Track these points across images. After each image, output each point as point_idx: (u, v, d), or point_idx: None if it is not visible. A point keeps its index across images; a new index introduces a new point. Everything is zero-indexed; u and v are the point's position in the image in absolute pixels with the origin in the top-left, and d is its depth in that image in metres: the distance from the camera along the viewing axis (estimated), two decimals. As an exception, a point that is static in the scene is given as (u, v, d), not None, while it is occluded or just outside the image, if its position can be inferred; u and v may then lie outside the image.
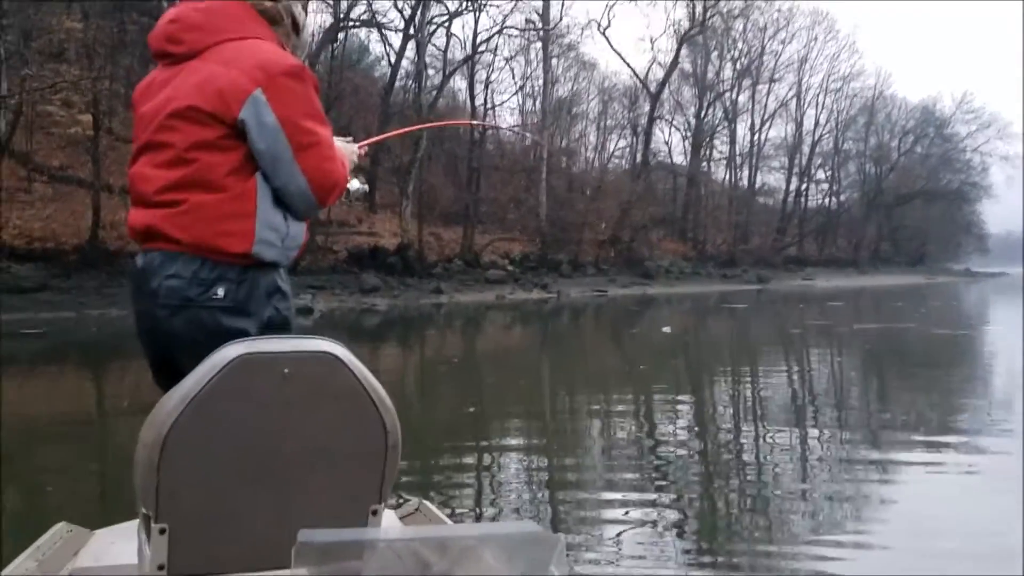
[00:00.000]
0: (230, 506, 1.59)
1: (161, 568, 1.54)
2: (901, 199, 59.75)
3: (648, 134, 42.78)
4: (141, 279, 1.84)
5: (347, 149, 2.16)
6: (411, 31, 30.66)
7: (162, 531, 1.54)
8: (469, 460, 5.55)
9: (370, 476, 1.68)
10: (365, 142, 2.39)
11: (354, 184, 2.22)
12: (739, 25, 46.19)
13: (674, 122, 48.08)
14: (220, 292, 1.78)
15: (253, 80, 1.76)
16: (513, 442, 6.16)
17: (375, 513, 1.70)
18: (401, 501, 3.38)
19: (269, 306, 1.86)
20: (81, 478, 5.13)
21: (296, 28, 2.00)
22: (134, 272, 1.88)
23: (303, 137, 1.80)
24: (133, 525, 1.66)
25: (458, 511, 4.17)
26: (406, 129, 8.28)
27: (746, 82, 49.39)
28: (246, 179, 1.81)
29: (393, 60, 32.39)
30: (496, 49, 33.33)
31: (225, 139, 1.79)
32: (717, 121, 49.23)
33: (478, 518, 4.17)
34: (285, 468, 1.62)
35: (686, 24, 42.44)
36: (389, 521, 2.18)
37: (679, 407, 7.71)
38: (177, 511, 1.55)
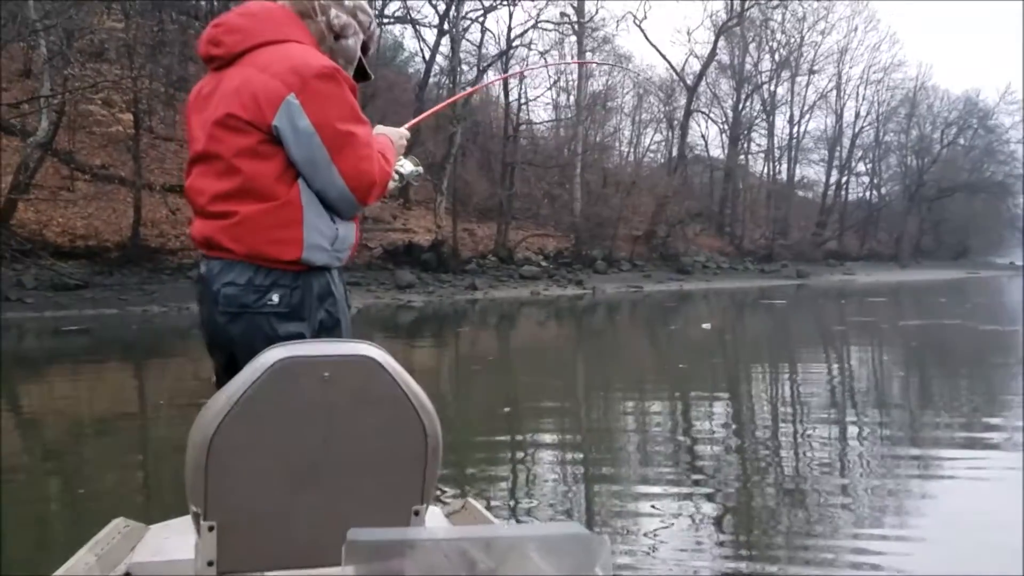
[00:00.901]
0: (275, 505, 1.64)
1: (211, 564, 1.60)
2: (943, 192, 58.54)
3: (684, 127, 42.35)
4: (203, 286, 1.91)
5: (394, 134, 2.18)
6: (445, 27, 30.68)
7: (211, 528, 1.59)
8: (511, 459, 5.49)
9: (411, 478, 1.70)
10: (411, 123, 2.40)
11: (407, 167, 2.24)
12: (778, 16, 45.53)
13: (711, 115, 47.63)
14: (275, 298, 1.85)
15: (287, 84, 1.79)
16: (557, 443, 6.09)
17: (417, 514, 1.72)
18: (447, 499, 3.35)
19: (321, 309, 1.91)
20: (130, 474, 5.16)
21: (333, 31, 2.00)
22: (199, 279, 1.95)
23: (338, 140, 1.82)
24: (188, 520, 1.72)
25: (501, 509, 4.12)
26: (448, 101, 8.35)
27: (785, 74, 48.69)
28: (290, 185, 1.84)
29: (427, 56, 32.49)
30: (531, 44, 33.17)
31: (264, 144, 1.82)
32: (755, 114, 48.61)
33: (514, 513, 4.11)
34: (327, 470, 1.65)
35: (723, 15, 41.98)
36: (435, 519, 2.22)
37: (724, 407, 7.58)
38: (225, 509, 1.60)
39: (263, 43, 1.88)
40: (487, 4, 30.89)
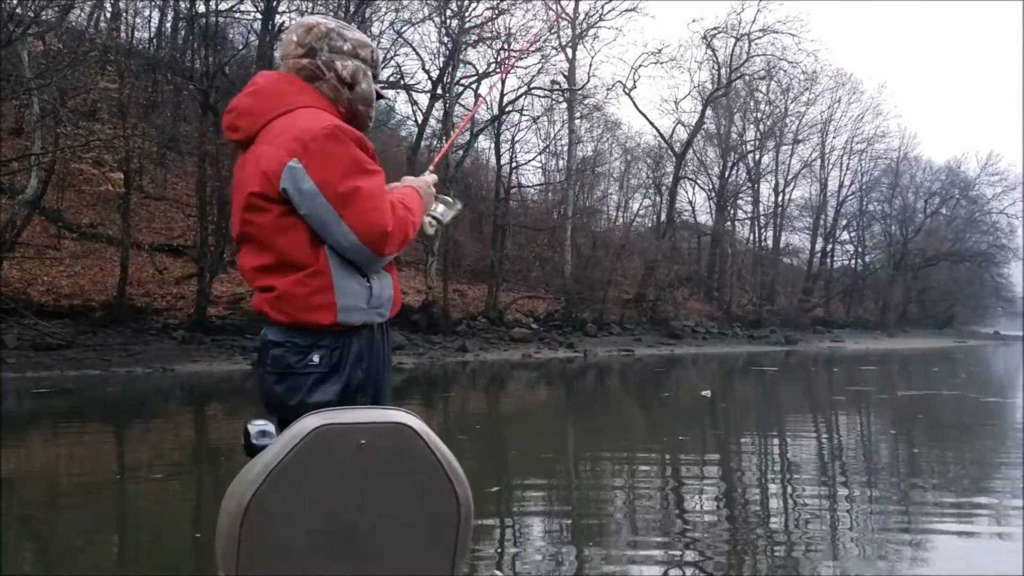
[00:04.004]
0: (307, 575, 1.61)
1: None
2: (928, 261, 59.14)
3: (673, 194, 42.71)
4: (260, 350, 2.04)
5: (420, 183, 2.19)
6: (438, 92, 30.96)
7: None
8: (502, 537, 5.16)
9: (443, 547, 1.68)
10: (434, 163, 2.49)
11: (439, 209, 2.26)
12: (763, 87, 46.38)
13: (698, 182, 48.14)
14: (316, 359, 1.91)
15: (290, 152, 1.86)
16: (557, 524, 5.77)
17: None
18: (474, 572, 3.18)
19: (358, 369, 1.95)
20: (108, 546, 4.79)
21: (345, 83, 2.04)
22: (260, 343, 2.07)
23: (343, 196, 1.85)
24: None
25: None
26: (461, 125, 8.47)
27: (770, 143, 49.43)
28: (317, 252, 1.91)
29: (420, 120, 32.72)
30: (523, 109, 33.48)
31: (285, 216, 1.89)
32: (741, 181, 49.16)
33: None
34: (360, 538, 1.64)
35: (710, 86, 42.69)
36: None
37: (738, 487, 7.27)
38: None
39: (273, 118, 1.95)
40: (481, 71, 31.24)
